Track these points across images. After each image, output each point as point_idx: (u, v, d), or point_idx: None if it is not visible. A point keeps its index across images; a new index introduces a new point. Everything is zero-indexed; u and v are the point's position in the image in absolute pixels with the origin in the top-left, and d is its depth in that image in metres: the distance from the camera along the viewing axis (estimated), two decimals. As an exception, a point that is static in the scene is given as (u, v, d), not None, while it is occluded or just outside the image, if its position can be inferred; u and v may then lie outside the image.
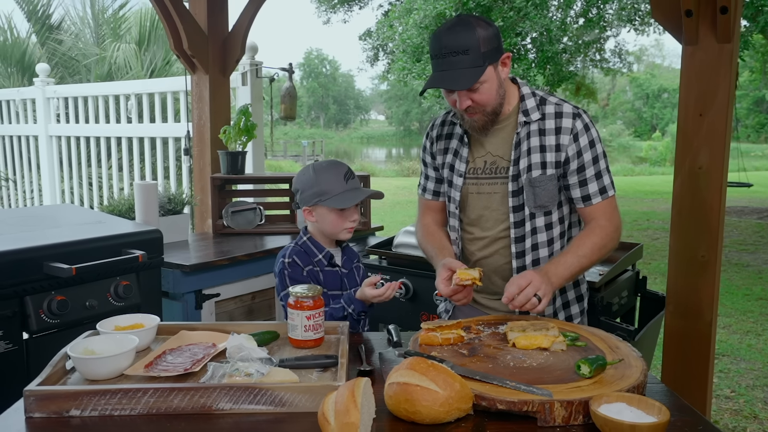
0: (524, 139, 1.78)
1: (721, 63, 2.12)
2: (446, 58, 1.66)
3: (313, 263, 1.95)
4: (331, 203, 1.88)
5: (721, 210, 2.23)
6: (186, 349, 1.50)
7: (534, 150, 1.77)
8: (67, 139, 5.56)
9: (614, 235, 1.80)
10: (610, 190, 1.80)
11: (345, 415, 1.08)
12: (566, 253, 1.74)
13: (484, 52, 1.65)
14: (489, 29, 1.68)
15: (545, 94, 1.82)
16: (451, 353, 1.47)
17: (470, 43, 1.64)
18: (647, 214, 11.20)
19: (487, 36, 1.66)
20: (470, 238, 1.92)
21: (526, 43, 10.38)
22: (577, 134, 1.75)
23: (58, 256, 2.14)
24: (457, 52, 1.64)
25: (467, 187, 1.88)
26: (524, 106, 1.80)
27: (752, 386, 3.86)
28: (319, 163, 1.95)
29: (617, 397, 1.18)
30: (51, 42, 9.14)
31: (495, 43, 1.69)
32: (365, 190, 1.97)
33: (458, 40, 1.65)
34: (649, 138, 35.60)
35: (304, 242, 1.97)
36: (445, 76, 1.67)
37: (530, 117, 1.78)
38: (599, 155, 1.78)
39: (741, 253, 7.95)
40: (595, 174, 1.77)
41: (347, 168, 1.94)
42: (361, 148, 44.21)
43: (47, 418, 1.23)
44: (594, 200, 1.78)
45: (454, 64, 1.65)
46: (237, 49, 3.74)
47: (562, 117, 1.76)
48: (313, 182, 1.90)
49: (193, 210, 3.93)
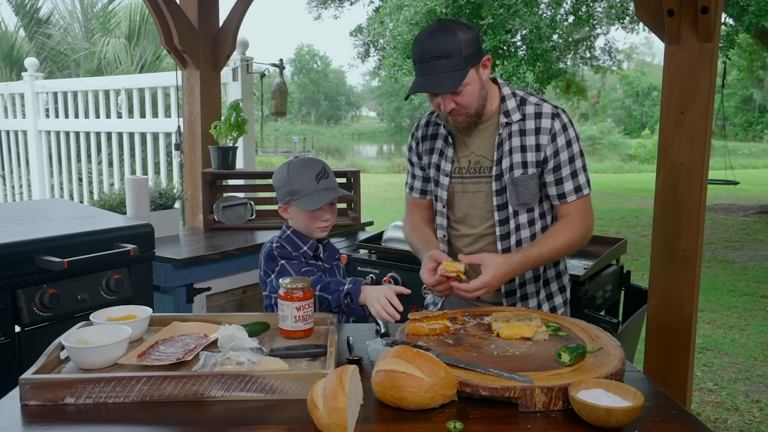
0: (506, 140, 1.83)
1: (702, 61, 2.18)
2: (429, 63, 1.69)
3: (300, 252, 1.97)
4: (300, 203, 1.89)
5: (702, 206, 2.29)
6: (178, 339, 1.53)
7: (515, 150, 1.82)
8: (56, 133, 5.54)
9: (586, 234, 1.85)
10: (585, 189, 1.85)
11: (333, 400, 1.12)
12: (537, 248, 1.77)
13: (466, 56, 1.69)
14: (469, 33, 1.71)
15: (525, 94, 1.87)
16: (437, 342, 1.51)
17: (452, 46, 1.67)
18: (636, 211, 11.30)
19: (468, 39, 1.69)
20: (457, 235, 1.98)
21: (516, 40, 10.43)
22: (555, 134, 1.79)
23: (50, 249, 2.15)
24: (440, 56, 1.68)
25: (453, 186, 1.93)
26: (505, 107, 1.84)
27: (734, 379, 3.94)
28: (295, 161, 1.96)
29: (595, 384, 1.23)
30: (39, 36, 9.08)
31: (476, 45, 1.73)
32: (336, 190, 1.94)
33: (441, 44, 1.68)
34: (638, 136, 35.83)
35: (288, 236, 1.98)
36: (429, 80, 1.70)
37: (511, 118, 1.82)
38: (576, 155, 1.82)
39: (726, 249, 8.06)
40: (570, 173, 1.82)
41: (321, 167, 1.93)
42: (353, 144, 44.19)
43: (42, 405, 1.26)
44: (569, 198, 1.84)
45: (437, 68, 1.69)
46: (228, 45, 3.75)
47: (542, 117, 1.81)
48: (286, 181, 1.91)
49: (184, 205, 3.95)
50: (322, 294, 1.82)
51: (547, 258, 1.80)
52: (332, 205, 1.98)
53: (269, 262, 1.92)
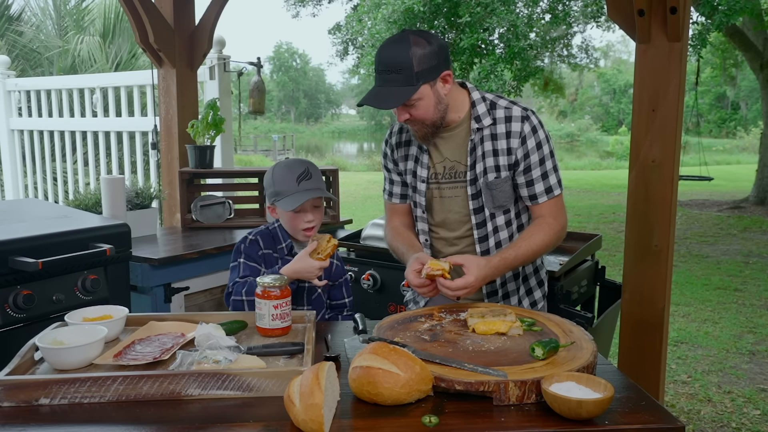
0: (478, 144, 1.85)
1: (672, 60, 2.22)
2: (382, 75, 1.71)
3: (275, 249, 2.01)
4: (281, 204, 1.95)
5: (673, 201, 2.33)
6: (155, 339, 1.53)
7: (488, 154, 1.84)
8: (29, 133, 5.45)
9: (560, 234, 1.88)
10: (556, 190, 1.87)
11: (309, 397, 1.13)
12: (514, 251, 1.81)
13: (418, 72, 1.68)
14: (428, 47, 1.70)
15: (495, 98, 1.88)
16: (414, 339, 1.53)
17: (404, 62, 1.67)
18: (613, 207, 11.46)
19: (423, 54, 1.69)
20: (437, 238, 2.00)
21: (493, 38, 10.48)
22: (525, 137, 1.81)
23: (24, 250, 2.12)
24: (391, 71, 1.69)
25: (431, 192, 1.95)
26: (476, 112, 1.85)
27: (707, 371, 4.02)
28: (280, 163, 2.00)
29: (567, 377, 1.26)
30: (11, 34, 8.91)
31: (433, 61, 1.71)
32: (316, 191, 1.97)
33: (393, 57, 1.69)
34: (616, 133, 36.28)
35: (274, 228, 2.05)
36: (377, 93, 1.72)
37: (482, 122, 1.84)
38: (546, 156, 1.84)
39: (701, 244, 8.21)
40: (541, 174, 1.84)
41: (304, 169, 1.96)
42: (333, 142, 44.07)
43: (16, 407, 1.25)
44: (540, 199, 1.86)
45: (388, 81, 1.70)
46: (204, 43, 3.73)
47: (512, 121, 1.82)
48: (271, 182, 1.97)
49: (161, 204, 3.91)
50: (249, 298, 1.86)
51: (524, 259, 1.83)
52: (317, 207, 2.00)
53: (235, 253, 2.03)
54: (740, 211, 10.68)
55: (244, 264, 1.99)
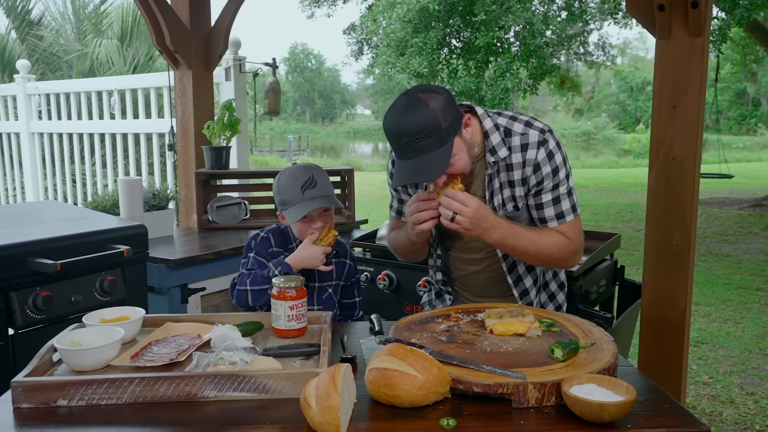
0: (494, 176, 1.76)
1: (693, 56, 2.18)
2: (410, 146, 1.56)
3: (286, 248, 2.01)
4: (287, 214, 1.93)
5: (695, 200, 2.29)
6: (171, 340, 1.53)
7: (504, 186, 1.76)
8: (49, 135, 5.51)
9: (572, 256, 1.79)
10: (569, 215, 1.77)
11: (326, 399, 1.12)
12: (522, 228, 1.71)
13: (447, 127, 1.56)
14: (440, 97, 1.58)
15: (509, 122, 1.74)
16: (430, 340, 1.51)
17: (430, 123, 1.54)
18: (631, 206, 11.33)
19: (442, 107, 1.56)
20: (456, 256, 1.94)
21: (509, 36, 10.43)
22: (539, 164, 1.71)
23: (43, 251, 2.14)
24: (420, 137, 1.54)
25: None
26: (489, 144, 1.73)
27: (729, 372, 3.95)
28: (285, 170, 1.97)
29: (588, 379, 1.23)
30: (31, 38, 9.03)
31: (453, 110, 1.60)
32: (322, 200, 1.91)
33: (416, 123, 1.54)
34: (633, 130, 35.88)
35: (286, 228, 2.03)
36: (415, 165, 1.57)
37: (498, 155, 1.72)
38: (561, 181, 1.73)
39: (721, 243, 8.08)
40: (552, 199, 1.75)
41: (309, 177, 1.91)
42: (348, 142, 44.14)
43: (35, 408, 1.26)
44: (550, 224, 1.77)
45: (419, 150, 1.55)
46: (220, 44, 3.74)
47: (528, 149, 1.71)
48: (277, 190, 1.95)
49: (178, 205, 3.94)
50: (252, 288, 1.89)
51: (525, 245, 1.70)
52: (325, 211, 1.97)
53: (246, 249, 2.03)
54: (761, 209, 10.50)
55: (254, 258, 1.99)
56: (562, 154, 1.74)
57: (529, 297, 1.92)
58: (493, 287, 1.94)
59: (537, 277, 1.93)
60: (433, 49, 10.35)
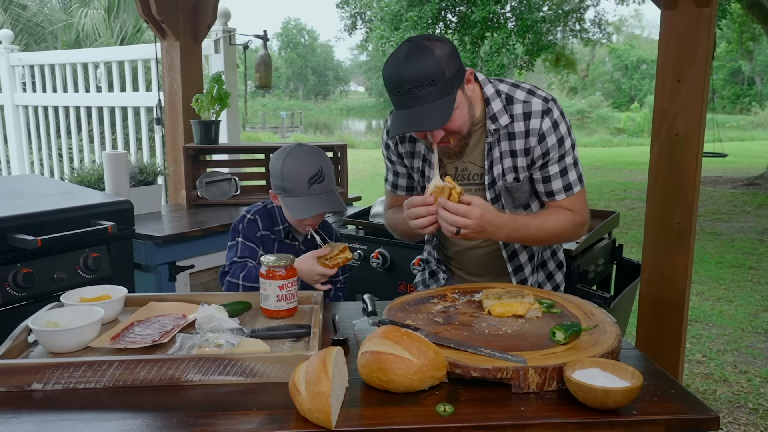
0: (495, 145, 1.68)
1: (700, 27, 2.10)
2: (411, 94, 1.48)
3: (272, 230, 1.93)
4: (288, 205, 1.83)
5: (697, 177, 2.23)
6: (155, 320, 1.46)
7: (505, 155, 1.68)
8: (34, 108, 5.38)
9: (579, 229, 1.73)
10: (576, 187, 1.71)
11: (316, 385, 1.06)
12: (528, 218, 1.66)
13: (450, 78, 1.49)
14: (445, 47, 1.51)
15: (511, 89, 1.67)
16: (426, 321, 1.45)
17: (435, 71, 1.46)
18: (624, 185, 11.30)
19: (447, 56, 1.49)
20: None
21: (505, 11, 10.28)
22: (544, 134, 1.63)
23: (23, 227, 2.07)
24: (423, 85, 1.46)
25: None
26: (490, 111, 1.65)
27: (723, 351, 3.94)
28: (292, 155, 1.83)
29: (591, 363, 1.18)
30: (14, 8, 8.80)
31: (456, 61, 1.53)
32: (329, 197, 1.83)
33: (421, 70, 1.46)
34: (627, 109, 35.77)
35: (273, 207, 1.94)
36: (414, 115, 1.49)
37: (499, 122, 1.65)
38: (567, 152, 1.67)
39: (715, 222, 8.08)
40: (560, 171, 1.68)
41: (318, 169, 1.80)
42: (341, 119, 43.77)
43: (7, 392, 1.19)
44: (558, 197, 1.71)
45: (421, 98, 1.48)
46: (208, 15, 3.62)
47: (531, 118, 1.63)
48: (279, 174, 1.83)
49: (166, 181, 3.84)
50: (245, 284, 1.80)
51: (534, 233, 1.66)
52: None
53: (233, 232, 1.94)
54: (755, 188, 10.50)
55: (243, 244, 1.90)
56: (567, 123, 1.67)
57: (523, 273, 1.85)
58: (488, 264, 1.87)
59: (533, 254, 1.86)
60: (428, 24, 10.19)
